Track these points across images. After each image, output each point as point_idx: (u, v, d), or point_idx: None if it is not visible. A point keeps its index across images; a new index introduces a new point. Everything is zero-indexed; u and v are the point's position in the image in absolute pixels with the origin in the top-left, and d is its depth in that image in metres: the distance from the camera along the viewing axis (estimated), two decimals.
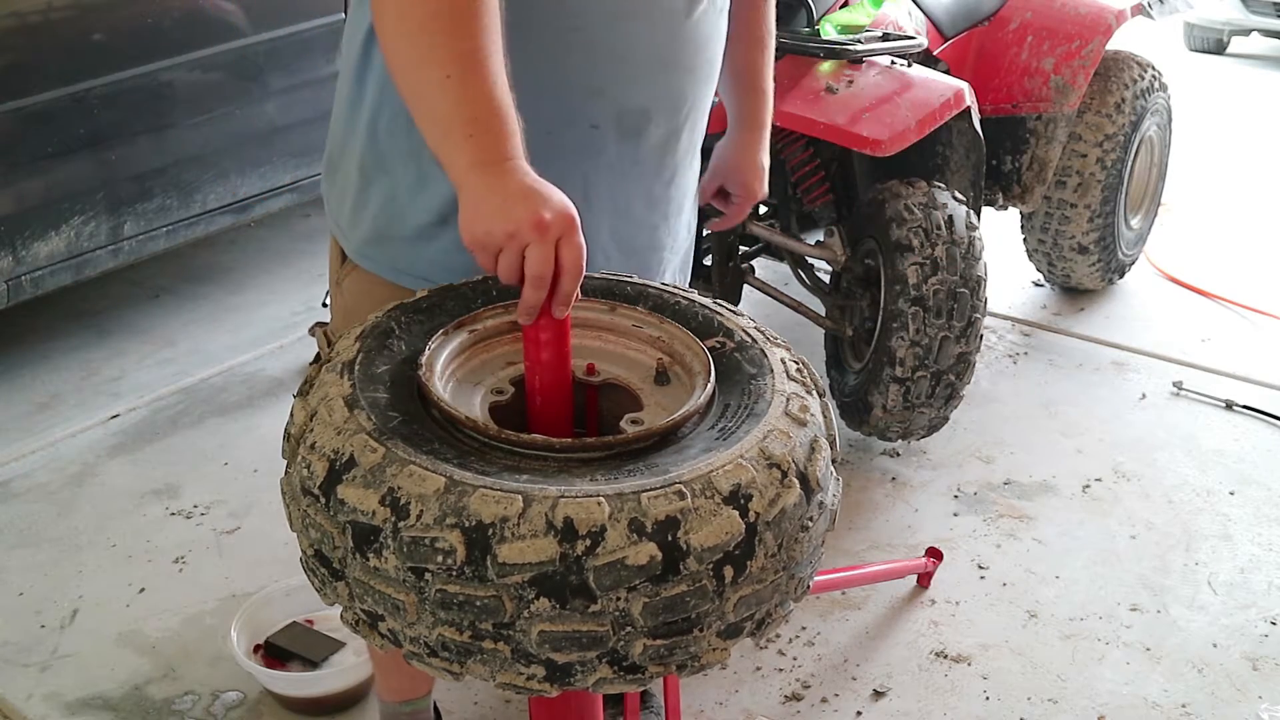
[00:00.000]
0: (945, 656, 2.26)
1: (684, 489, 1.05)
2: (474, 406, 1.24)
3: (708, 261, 2.97)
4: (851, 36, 2.69)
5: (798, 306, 2.92)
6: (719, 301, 1.37)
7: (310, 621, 2.24)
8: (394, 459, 1.07)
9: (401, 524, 1.04)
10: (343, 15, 3.50)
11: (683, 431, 1.18)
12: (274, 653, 2.19)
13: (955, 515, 2.69)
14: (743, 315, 1.35)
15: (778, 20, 1.74)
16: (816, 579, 1.36)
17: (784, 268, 3.11)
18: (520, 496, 1.03)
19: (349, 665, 2.13)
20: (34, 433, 3.02)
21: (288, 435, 1.19)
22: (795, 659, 2.24)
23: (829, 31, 2.68)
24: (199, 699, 2.15)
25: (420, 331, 1.32)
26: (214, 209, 3.42)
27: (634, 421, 1.20)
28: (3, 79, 2.87)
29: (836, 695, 2.17)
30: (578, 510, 1.02)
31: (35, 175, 3.00)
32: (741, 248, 2.95)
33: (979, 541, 2.60)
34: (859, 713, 2.12)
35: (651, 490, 1.04)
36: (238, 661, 2.11)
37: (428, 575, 1.04)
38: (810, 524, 1.13)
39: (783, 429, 1.14)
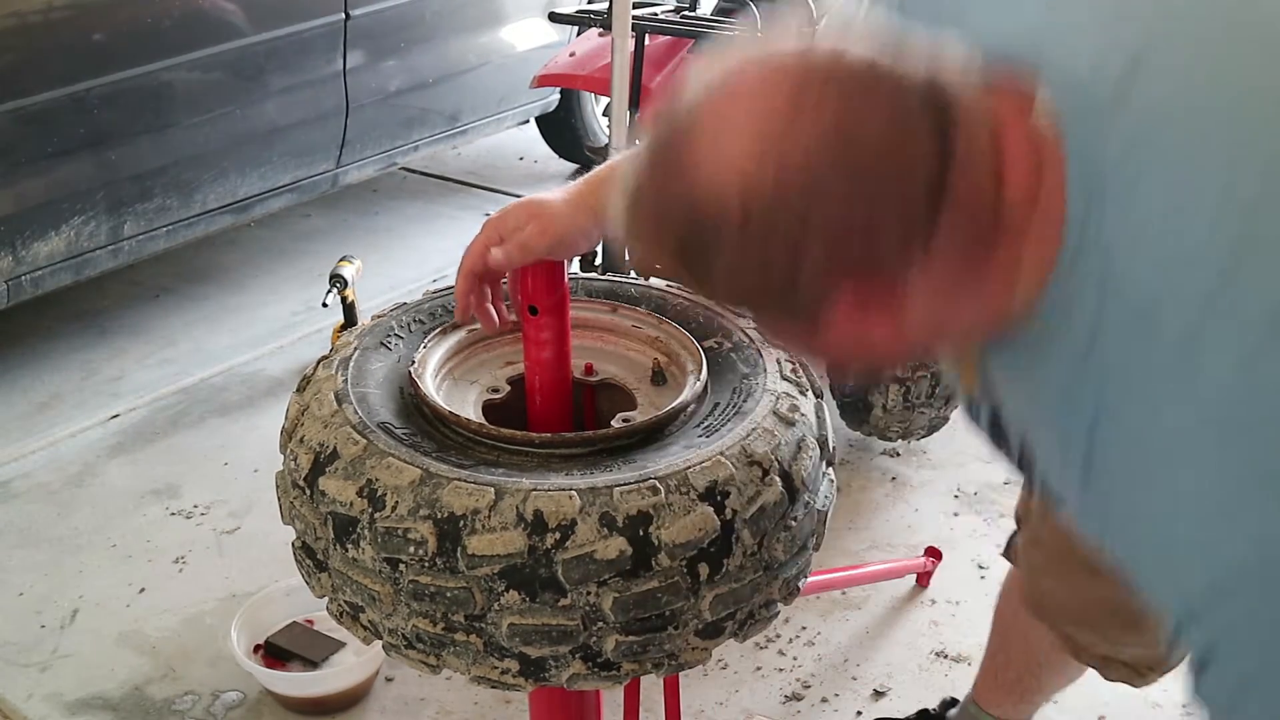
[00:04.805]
0: (945, 656, 2.26)
1: (658, 484, 1.04)
2: (467, 404, 1.25)
3: None
4: None
5: None
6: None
7: (310, 621, 2.24)
8: (374, 451, 1.08)
9: (377, 515, 1.04)
10: (342, 15, 3.50)
11: (670, 429, 1.18)
12: (274, 653, 2.19)
13: (955, 515, 2.69)
14: (745, 316, 1.35)
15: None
16: (815, 579, 1.36)
17: None
18: (492, 489, 1.03)
19: (349, 665, 2.13)
20: (34, 433, 3.02)
21: (282, 429, 1.20)
22: (795, 659, 2.24)
23: None
24: (199, 699, 2.15)
25: (420, 331, 1.32)
26: (214, 209, 3.41)
27: (624, 419, 1.20)
28: (3, 79, 2.87)
29: (836, 695, 2.16)
30: (548, 503, 1.02)
31: (35, 175, 2.99)
32: None
33: (979, 541, 2.60)
34: (859, 713, 2.12)
35: (625, 485, 1.04)
36: (238, 661, 2.11)
37: (401, 566, 1.04)
38: (794, 523, 1.12)
39: (768, 428, 1.13)
